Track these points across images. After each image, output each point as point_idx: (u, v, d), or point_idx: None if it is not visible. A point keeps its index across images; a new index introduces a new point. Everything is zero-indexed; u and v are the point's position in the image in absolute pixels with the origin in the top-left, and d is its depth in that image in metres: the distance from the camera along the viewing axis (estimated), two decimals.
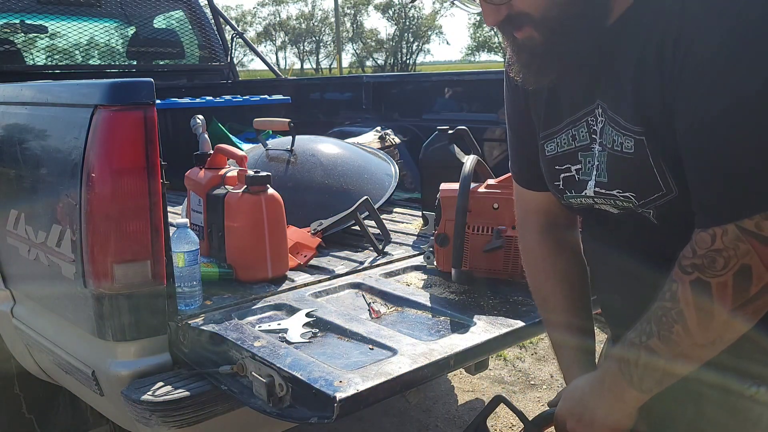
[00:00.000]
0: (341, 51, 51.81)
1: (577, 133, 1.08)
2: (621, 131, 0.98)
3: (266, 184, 1.86)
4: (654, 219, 1.01)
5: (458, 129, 2.57)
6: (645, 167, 0.96)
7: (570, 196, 1.12)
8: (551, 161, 1.14)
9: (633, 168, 0.98)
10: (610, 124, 1.00)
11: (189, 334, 1.55)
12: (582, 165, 1.08)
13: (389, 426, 2.85)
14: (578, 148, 1.08)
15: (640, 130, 0.95)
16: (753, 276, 0.86)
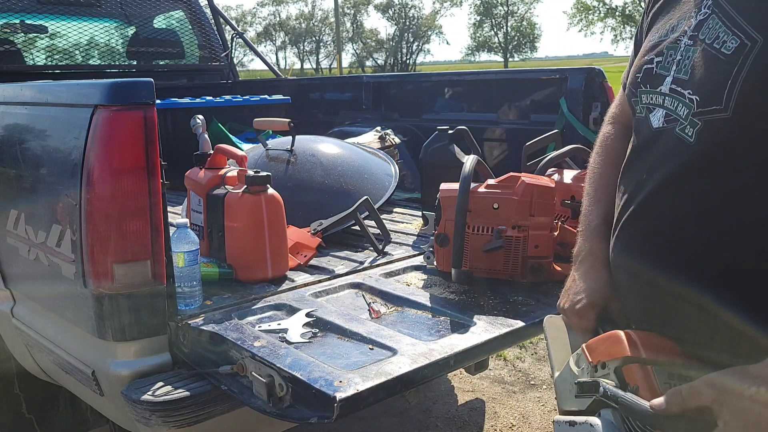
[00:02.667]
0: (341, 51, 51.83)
1: (677, 24, 0.99)
2: (731, 28, 0.87)
3: (266, 184, 1.86)
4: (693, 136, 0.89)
5: (458, 129, 2.57)
6: (725, 73, 0.85)
7: (643, 91, 1.03)
8: (645, 51, 1.05)
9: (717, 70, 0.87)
10: (721, 18, 0.89)
11: (189, 334, 1.56)
12: (663, 58, 0.99)
13: (389, 426, 2.85)
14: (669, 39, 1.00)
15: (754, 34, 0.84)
16: None
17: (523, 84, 2.91)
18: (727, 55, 0.86)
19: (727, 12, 0.89)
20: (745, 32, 0.85)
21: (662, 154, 0.96)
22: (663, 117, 0.97)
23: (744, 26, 0.86)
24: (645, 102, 1.03)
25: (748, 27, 0.85)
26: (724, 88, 0.86)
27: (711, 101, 0.88)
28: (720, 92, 0.86)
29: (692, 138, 0.91)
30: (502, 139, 2.92)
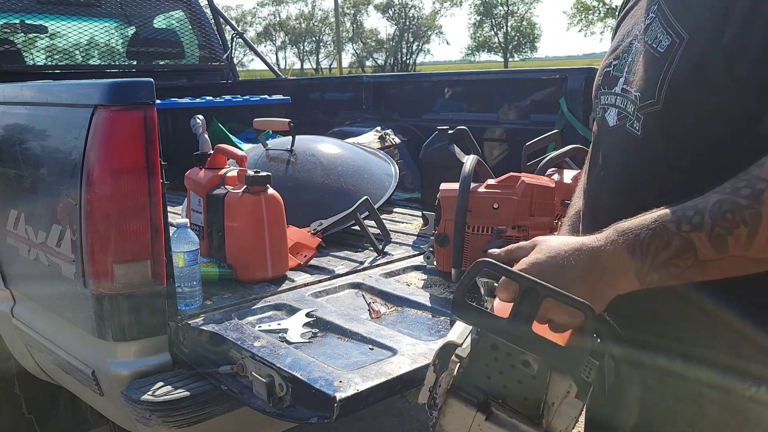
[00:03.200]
0: (341, 51, 51.83)
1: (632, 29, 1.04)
2: (665, 28, 0.93)
3: (266, 184, 1.86)
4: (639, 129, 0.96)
5: (458, 129, 2.57)
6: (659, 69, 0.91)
7: (603, 93, 1.08)
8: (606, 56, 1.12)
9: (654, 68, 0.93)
10: (660, 21, 0.95)
11: (189, 334, 1.56)
12: (619, 61, 1.04)
13: (389, 426, 2.85)
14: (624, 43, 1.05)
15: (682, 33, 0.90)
16: None
17: (523, 84, 2.91)
18: (660, 53, 0.93)
19: (665, 14, 0.95)
20: (676, 31, 0.91)
21: (616, 149, 1.02)
22: (616, 115, 1.02)
23: (675, 26, 0.92)
24: (603, 103, 1.08)
25: (678, 26, 0.91)
26: (656, 83, 0.92)
27: (647, 96, 0.94)
28: (653, 87, 0.92)
29: (639, 132, 0.96)
30: (502, 139, 2.92)
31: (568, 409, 0.87)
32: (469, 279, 0.89)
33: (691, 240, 0.80)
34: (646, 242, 0.82)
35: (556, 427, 0.87)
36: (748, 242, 0.78)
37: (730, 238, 0.79)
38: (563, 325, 0.87)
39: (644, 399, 1.08)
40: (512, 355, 0.89)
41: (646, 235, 0.82)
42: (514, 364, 0.89)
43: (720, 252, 0.80)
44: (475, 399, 0.89)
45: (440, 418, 0.91)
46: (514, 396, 0.89)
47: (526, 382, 0.89)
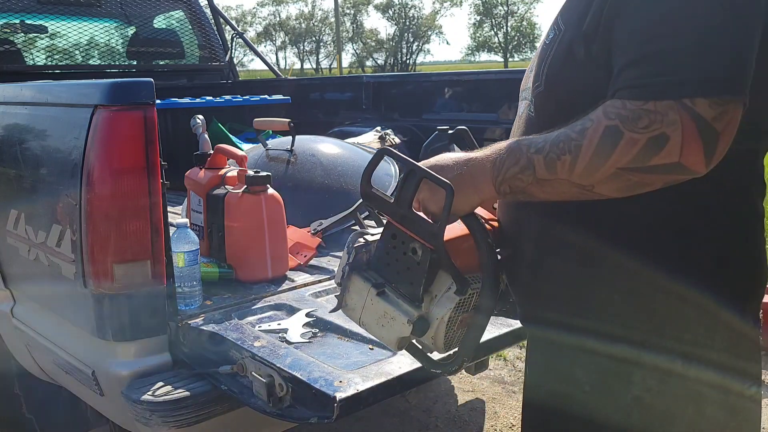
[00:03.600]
0: (341, 51, 51.82)
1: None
2: (553, 26, 1.10)
3: (266, 184, 1.86)
4: (533, 111, 1.12)
5: (458, 129, 2.57)
6: (544, 56, 1.08)
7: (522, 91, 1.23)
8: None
9: (541, 57, 1.10)
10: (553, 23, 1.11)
11: (189, 334, 1.56)
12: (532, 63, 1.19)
13: (389, 426, 2.85)
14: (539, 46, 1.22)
15: (561, 26, 1.07)
16: (665, 148, 0.86)
17: None
18: (546, 44, 1.09)
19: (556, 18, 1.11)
20: (558, 26, 1.08)
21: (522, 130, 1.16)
22: (524, 105, 1.18)
23: (559, 22, 1.08)
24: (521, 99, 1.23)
25: (560, 22, 1.08)
26: (541, 68, 1.09)
27: (536, 80, 1.11)
28: (540, 72, 1.09)
29: (533, 112, 1.13)
30: (502, 139, 2.91)
31: (445, 302, 1.03)
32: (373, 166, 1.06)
33: (533, 160, 0.96)
34: (504, 157, 0.99)
35: (434, 314, 1.04)
36: (570, 168, 0.92)
37: (558, 162, 0.93)
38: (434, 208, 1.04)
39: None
40: (405, 243, 1.05)
41: (505, 152, 0.99)
42: (406, 251, 1.05)
43: (551, 173, 0.95)
44: (373, 280, 1.07)
45: (345, 293, 1.09)
46: (403, 281, 1.06)
47: (413, 268, 1.05)
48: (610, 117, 0.90)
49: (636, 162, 0.88)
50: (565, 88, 1.05)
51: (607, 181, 0.91)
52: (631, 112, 0.88)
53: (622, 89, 0.91)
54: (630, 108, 0.88)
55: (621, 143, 0.88)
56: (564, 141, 0.93)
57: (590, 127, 0.91)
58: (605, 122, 0.90)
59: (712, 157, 0.86)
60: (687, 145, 0.85)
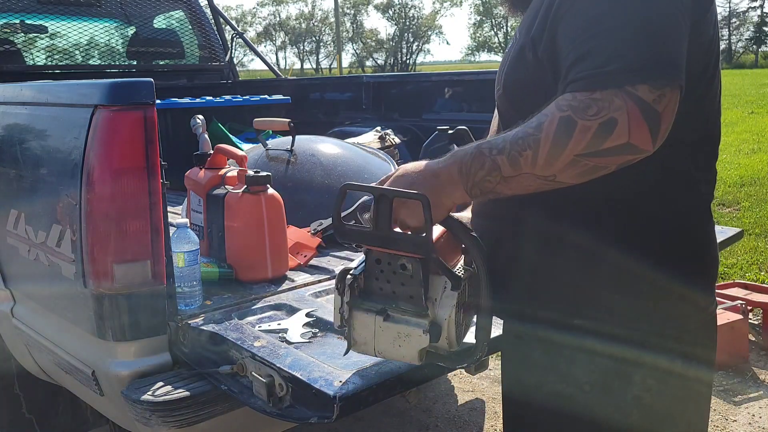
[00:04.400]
0: (341, 51, 51.81)
1: None
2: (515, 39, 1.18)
3: (266, 184, 1.86)
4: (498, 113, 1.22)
5: (458, 129, 2.57)
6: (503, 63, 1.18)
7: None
8: None
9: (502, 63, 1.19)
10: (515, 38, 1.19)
11: (189, 334, 1.56)
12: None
13: (389, 426, 2.85)
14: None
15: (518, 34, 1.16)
16: (615, 131, 0.93)
17: None
18: (506, 52, 1.20)
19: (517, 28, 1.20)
20: (515, 36, 1.17)
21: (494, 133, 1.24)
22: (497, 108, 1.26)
23: (516, 33, 1.17)
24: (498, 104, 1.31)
25: (517, 32, 1.17)
26: (501, 73, 1.19)
27: (497, 85, 1.20)
28: (500, 77, 1.19)
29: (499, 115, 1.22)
30: None
31: (447, 301, 1.06)
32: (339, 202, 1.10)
33: (496, 161, 1.01)
34: (468, 164, 1.04)
35: (440, 316, 1.07)
36: (533, 162, 0.98)
37: (521, 158, 0.99)
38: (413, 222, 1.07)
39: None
40: (392, 263, 1.07)
41: (469, 159, 1.04)
42: (395, 270, 1.08)
43: (516, 170, 1.00)
44: (374, 309, 1.08)
45: (351, 331, 1.10)
46: (402, 297, 1.08)
47: (407, 282, 1.07)
48: (562, 109, 0.96)
49: (591, 147, 0.94)
50: (518, 90, 1.15)
51: (566, 168, 0.97)
52: (580, 102, 0.95)
53: (570, 83, 0.98)
54: (579, 99, 0.95)
55: (575, 132, 0.95)
56: (522, 138, 0.99)
57: (545, 121, 0.97)
58: (558, 114, 0.96)
59: (657, 136, 0.94)
60: (634, 126, 0.93)
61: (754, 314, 3.59)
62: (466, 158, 1.04)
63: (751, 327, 3.46)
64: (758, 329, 3.48)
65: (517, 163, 0.99)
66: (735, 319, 3.16)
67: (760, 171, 7.80)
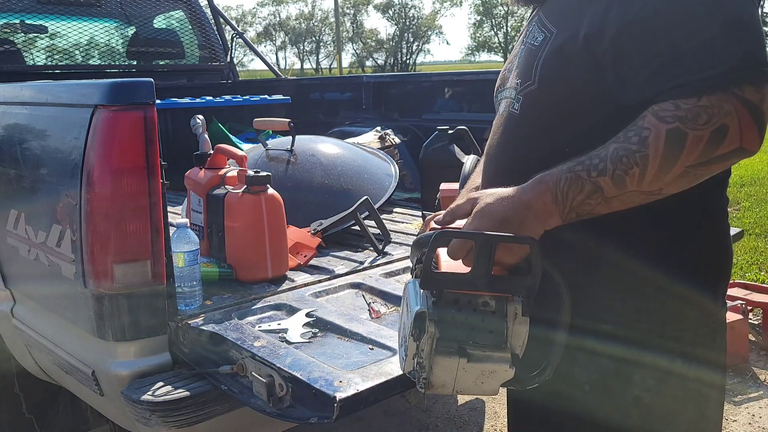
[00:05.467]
0: (341, 51, 51.81)
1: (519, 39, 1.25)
2: (540, 28, 1.14)
3: (266, 184, 1.86)
4: (518, 109, 1.15)
5: (458, 129, 2.57)
6: (535, 57, 1.12)
7: (499, 91, 1.30)
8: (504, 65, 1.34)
9: (530, 58, 1.13)
10: (537, 24, 1.16)
11: (189, 334, 1.56)
12: (511, 63, 1.26)
13: (389, 426, 2.85)
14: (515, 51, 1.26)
15: (552, 28, 1.11)
16: (727, 137, 0.91)
17: None
18: (536, 46, 1.13)
19: (540, 19, 1.15)
20: (547, 28, 1.12)
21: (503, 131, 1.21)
22: (506, 103, 1.21)
23: (547, 24, 1.12)
24: (499, 98, 1.29)
25: (549, 24, 1.12)
26: (532, 68, 1.12)
27: (526, 80, 1.14)
28: (531, 71, 1.12)
29: (518, 111, 1.15)
30: None
31: (520, 328, 1.01)
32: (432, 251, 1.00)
33: (599, 183, 0.97)
34: (565, 190, 0.99)
35: (515, 345, 1.02)
36: (640, 179, 0.95)
37: (627, 177, 0.95)
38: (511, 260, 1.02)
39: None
40: (472, 301, 1.01)
41: (565, 185, 0.99)
42: (475, 308, 1.01)
43: (621, 189, 0.97)
44: (452, 349, 1.01)
45: (429, 376, 1.02)
46: (482, 333, 1.02)
47: (488, 318, 1.02)
48: (666, 121, 0.93)
49: (703, 156, 0.92)
50: (560, 87, 1.09)
51: (675, 181, 0.95)
52: (687, 111, 0.91)
53: (666, 90, 0.94)
54: (685, 107, 0.92)
55: (687, 143, 0.92)
56: (626, 155, 0.95)
57: (650, 135, 0.93)
58: (665, 127, 0.92)
59: (763, 136, 0.93)
60: (745, 129, 0.91)
61: (754, 314, 3.59)
62: (561, 184, 0.99)
63: (751, 327, 3.46)
64: (758, 329, 3.48)
65: (622, 182, 0.96)
66: (735, 319, 3.16)
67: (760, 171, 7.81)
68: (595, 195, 0.98)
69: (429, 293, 1.01)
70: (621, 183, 0.96)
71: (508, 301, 1.00)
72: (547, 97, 1.11)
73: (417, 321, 1.00)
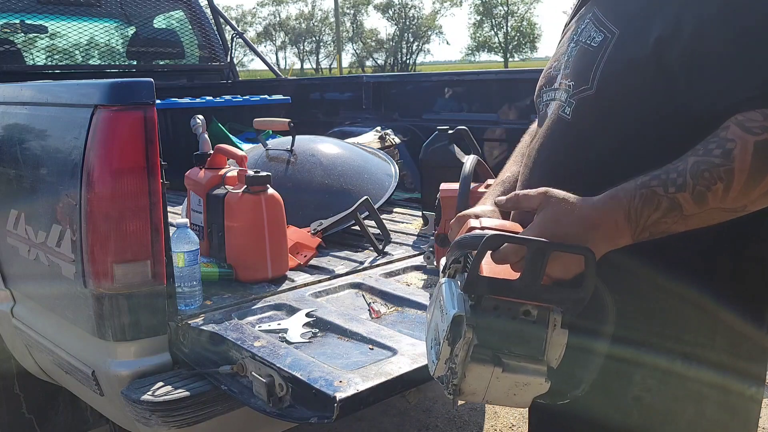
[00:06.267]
0: (341, 51, 51.85)
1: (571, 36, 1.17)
2: (597, 27, 1.07)
3: (266, 184, 1.86)
4: (570, 114, 1.08)
5: (458, 129, 2.57)
6: (593, 59, 1.05)
7: (544, 90, 1.22)
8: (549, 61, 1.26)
9: (587, 59, 1.06)
10: (593, 21, 1.09)
11: (189, 334, 1.56)
12: (558, 62, 1.19)
13: (389, 426, 2.85)
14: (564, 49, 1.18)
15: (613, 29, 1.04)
16: None
17: (523, 84, 2.91)
18: (594, 47, 1.06)
19: (597, 17, 1.09)
20: (607, 28, 1.05)
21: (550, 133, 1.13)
22: (555, 106, 1.14)
23: (607, 24, 1.06)
24: (545, 99, 1.21)
25: (609, 24, 1.05)
26: (590, 71, 1.05)
27: (581, 83, 1.06)
28: (588, 75, 1.05)
29: (569, 116, 1.08)
30: (502, 139, 2.91)
31: (558, 339, 0.96)
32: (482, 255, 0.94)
33: (677, 200, 0.90)
34: (639, 207, 0.91)
35: (552, 358, 0.97)
36: (724, 195, 0.88)
37: (710, 193, 0.88)
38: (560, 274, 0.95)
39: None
40: (512, 309, 0.96)
41: (639, 201, 0.91)
42: (515, 316, 0.96)
43: (701, 206, 0.90)
44: (487, 356, 0.95)
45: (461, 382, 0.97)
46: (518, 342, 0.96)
47: (528, 328, 0.96)
48: (754, 132, 0.87)
49: None
50: (623, 96, 1.01)
51: (762, 197, 0.89)
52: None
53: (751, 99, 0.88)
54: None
55: None
56: (708, 170, 0.88)
57: (735, 147, 0.87)
58: (752, 139, 0.87)
59: None
60: None
61: None
62: (635, 201, 0.91)
63: None
64: None
65: (703, 198, 0.89)
66: None
67: None
68: (673, 213, 0.90)
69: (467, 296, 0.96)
70: (702, 200, 0.89)
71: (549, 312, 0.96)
72: (606, 104, 1.03)
73: (454, 325, 0.95)
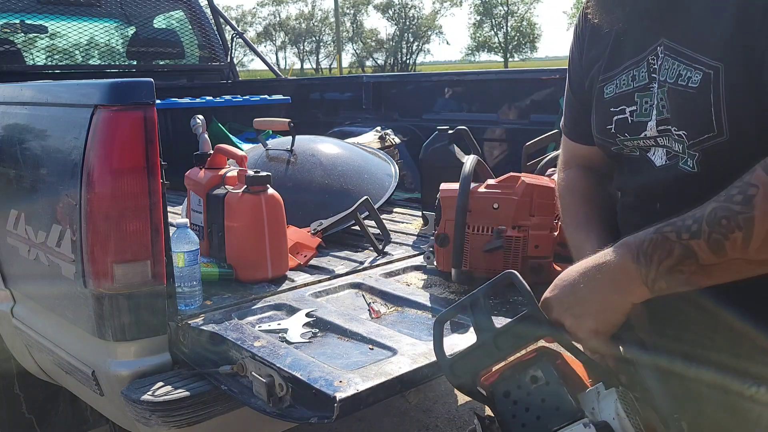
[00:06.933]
0: (341, 51, 51.86)
1: (637, 74, 1.07)
2: (690, 65, 0.96)
3: (266, 184, 1.86)
4: (695, 166, 0.97)
5: (458, 129, 2.57)
6: (704, 103, 0.93)
7: (624, 139, 1.10)
8: (607, 104, 1.13)
9: (692, 104, 0.95)
10: (677, 59, 0.98)
11: (189, 334, 1.56)
12: (637, 106, 1.07)
13: (389, 426, 2.85)
14: (636, 88, 1.07)
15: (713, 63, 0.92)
16: None
17: (523, 84, 2.91)
18: (695, 88, 0.95)
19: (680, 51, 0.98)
20: (704, 63, 0.94)
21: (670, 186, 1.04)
22: (665, 154, 1.04)
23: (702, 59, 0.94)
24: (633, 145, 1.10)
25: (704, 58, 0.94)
26: (710, 116, 0.93)
27: (702, 131, 0.95)
28: (708, 121, 0.93)
29: (693, 168, 0.99)
30: (502, 139, 2.92)
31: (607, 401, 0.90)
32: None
33: (691, 247, 0.84)
34: (649, 251, 0.86)
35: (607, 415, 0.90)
36: (744, 245, 0.82)
37: (727, 242, 0.82)
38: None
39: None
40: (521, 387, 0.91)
41: (649, 245, 0.86)
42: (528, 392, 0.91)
43: (719, 256, 0.83)
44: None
45: None
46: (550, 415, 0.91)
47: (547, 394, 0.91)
48: None
49: None
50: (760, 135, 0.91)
51: None
52: None
53: None
54: None
55: None
56: (726, 216, 0.82)
57: (757, 194, 0.81)
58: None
59: None
60: None
61: None
62: (644, 246, 0.87)
63: None
64: None
65: (720, 248, 0.82)
66: None
67: None
68: (688, 261, 0.84)
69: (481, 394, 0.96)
70: (719, 249, 0.82)
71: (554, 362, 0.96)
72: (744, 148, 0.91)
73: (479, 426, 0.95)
